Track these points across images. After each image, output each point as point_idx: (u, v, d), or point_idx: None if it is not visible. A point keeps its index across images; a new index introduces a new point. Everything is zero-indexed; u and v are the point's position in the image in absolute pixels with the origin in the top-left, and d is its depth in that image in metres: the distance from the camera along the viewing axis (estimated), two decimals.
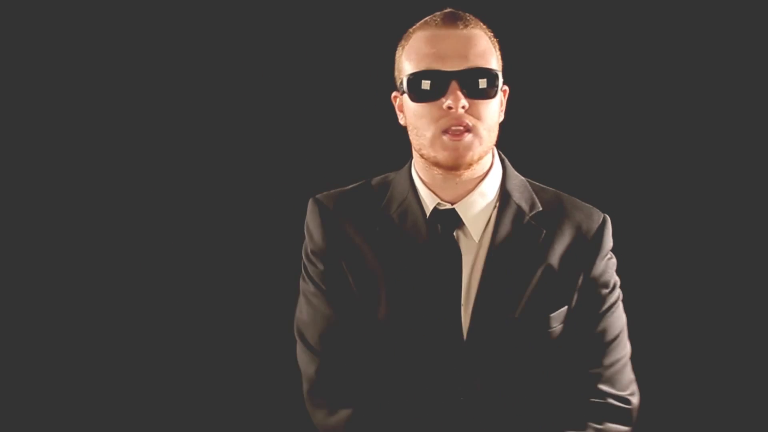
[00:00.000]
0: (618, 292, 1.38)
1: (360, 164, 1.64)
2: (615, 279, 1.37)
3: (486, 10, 1.38)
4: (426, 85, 1.25)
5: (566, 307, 1.32)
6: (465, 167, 1.29)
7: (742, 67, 1.95)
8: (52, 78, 1.99)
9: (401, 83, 1.30)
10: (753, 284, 1.97)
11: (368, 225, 1.36)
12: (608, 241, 1.36)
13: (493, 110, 1.29)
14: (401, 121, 1.37)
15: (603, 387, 1.32)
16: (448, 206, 1.33)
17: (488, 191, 1.35)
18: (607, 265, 1.36)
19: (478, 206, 1.33)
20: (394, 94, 1.37)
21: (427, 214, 1.34)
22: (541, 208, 1.36)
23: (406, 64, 1.30)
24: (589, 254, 1.34)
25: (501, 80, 1.30)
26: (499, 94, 1.30)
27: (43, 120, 2.00)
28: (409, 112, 1.30)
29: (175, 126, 2.03)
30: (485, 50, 1.28)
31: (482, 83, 1.25)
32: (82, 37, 1.98)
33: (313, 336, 1.36)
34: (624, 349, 1.37)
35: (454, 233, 1.32)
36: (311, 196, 1.42)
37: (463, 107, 1.24)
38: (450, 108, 1.24)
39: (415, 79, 1.26)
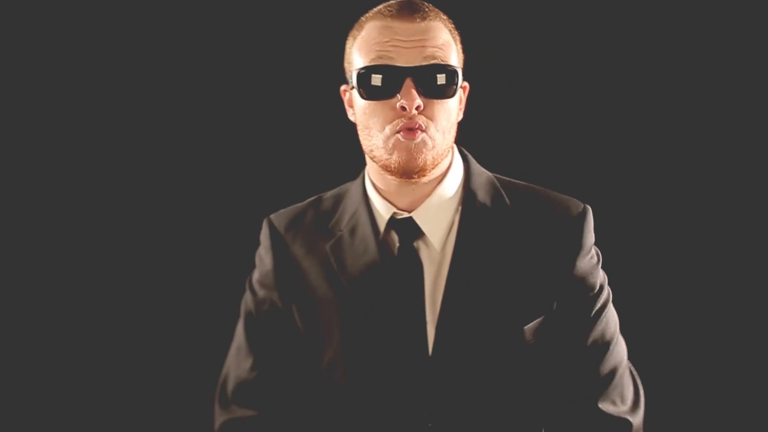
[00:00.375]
0: (606, 292, 1.24)
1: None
2: (601, 278, 1.23)
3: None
4: (378, 81, 1.14)
5: (543, 317, 1.18)
6: (417, 172, 1.16)
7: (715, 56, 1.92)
8: (33, 81, 1.96)
9: (351, 77, 1.19)
10: (744, 280, 1.93)
11: (318, 245, 1.25)
12: (589, 237, 1.22)
13: (450, 110, 1.17)
14: (351, 117, 1.25)
15: (599, 404, 1.19)
16: (405, 215, 1.21)
17: (448, 193, 1.23)
18: (590, 264, 1.21)
19: (437, 211, 1.21)
20: (343, 87, 1.26)
21: (380, 226, 1.22)
22: (510, 206, 1.23)
23: (356, 57, 1.19)
24: (567, 254, 1.19)
25: (461, 77, 1.18)
26: (459, 91, 1.19)
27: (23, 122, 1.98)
28: (360, 109, 1.19)
29: (151, 130, 1.99)
30: (444, 44, 1.16)
31: (440, 80, 1.14)
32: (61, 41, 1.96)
33: (230, 384, 1.29)
34: (618, 355, 1.23)
35: (415, 244, 1.20)
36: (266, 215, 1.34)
37: (417, 107, 1.13)
38: (404, 109, 1.13)
39: (366, 74, 1.15)
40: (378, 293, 1.19)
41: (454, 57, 1.18)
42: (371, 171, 1.25)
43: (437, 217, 1.21)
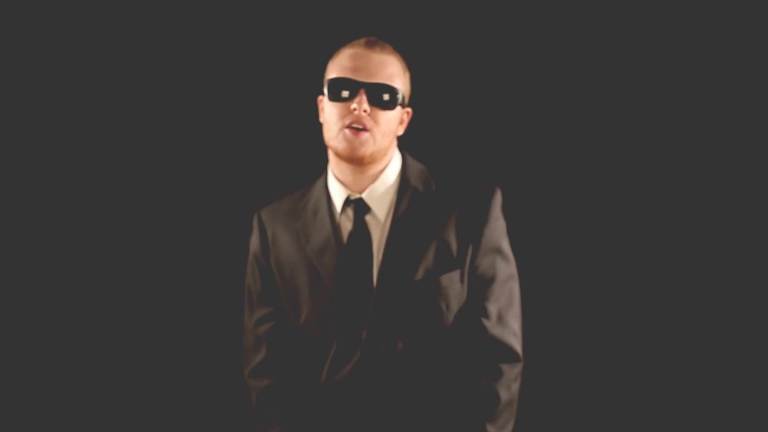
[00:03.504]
0: (513, 267, 1.64)
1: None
2: (507, 248, 1.63)
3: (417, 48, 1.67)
4: (343, 88, 1.54)
5: (458, 270, 1.57)
6: (360, 160, 1.57)
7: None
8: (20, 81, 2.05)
9: (324, 85, 1.60)
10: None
11: (291, 225, 1.66)
12: (495, 210, 1.62)
13: (390, 120, 1.57)
14: (320, 119, 1.66)
15: (494, 333, 1.57)
16: (358, 196, 1.61)
17: (389, 179, 1.62)
18: (494, 230, 1.61)
19: (381, 193, 1.61)
20: (319, 97, 1.66)
21: (338, 205, 1.62)
22: (434, 188, 1.63)
23: (331, 71, 1.60)
24: (477, 223, 1.59)
25: (401, 98, 1.59)
26: (399, 110, 1.61)
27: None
28: (326, 110, 1.59)
29: (147, 127, 2.12)
30: (393, 73, 1.58)
31: (384, 96, 1.55)
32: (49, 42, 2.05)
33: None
34: (516, 316, 1.61)
35: (366, 217, 1.61)
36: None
37: (365, 111, 1.53)
38: (354, 109, 1.54)
39: (335, 82, 1.56)
40: (337, 255, 1.59)
41: (399, 83, 1.60)
42: (331, 163, 1.65)
43: (381, 197, 1.61)
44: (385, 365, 1.55)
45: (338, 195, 1.63)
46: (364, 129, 1.55)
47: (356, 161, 1.58)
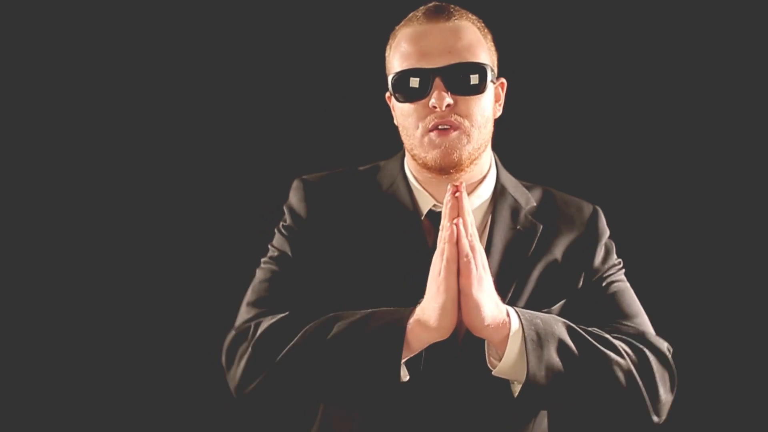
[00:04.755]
0: (622, 271, 1.34)
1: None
2: (619, 261, 1.34)
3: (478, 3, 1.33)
4: (412, 83, 1.20)
5: (564, 301, 1.26)
6: (454, 168, 1.22)
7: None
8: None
9: (389, 83, 1.25)
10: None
11: (352, 210, 1.29)
12: (604, 230, 1.34)
13: (484, 106, 1.23)
14: (395, 121, 1.31)
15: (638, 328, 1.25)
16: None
17: (486, 192, 1.30)
18: (608, 250, 1.32)
19: (475, 208, 1.28)
20: (387, 94, 1.31)
21: (422, 215, 1.27)
22: (535, 204, 1.32)
23: (393, 64, 1.25)
24: (588, 245, 1.30)
25: (492, 73, 1.24)
26: (491, 87, 1.24)
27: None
28: (398, 111, 1.27)
29: (159, 123, 2.02)
30: (472, 43, 1.22)
31: (469, 78, 1.20)
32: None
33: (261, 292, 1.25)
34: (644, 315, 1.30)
35: None
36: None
37: (448, 105, 1.19)
38: (434, 107, 1.19)
39: (399, 78, 1.22)
40: (407, 275, 1.21)
41: (484, 55, 1.23)
42: (411, 164, 1.31)
43: (474, 214, 1.24)
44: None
45: (421, 201, 1.29)
46: (453, 127, 1.20)
47: (451, 169, 1.22)
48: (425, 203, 1.28)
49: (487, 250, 1.24)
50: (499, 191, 1.30)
